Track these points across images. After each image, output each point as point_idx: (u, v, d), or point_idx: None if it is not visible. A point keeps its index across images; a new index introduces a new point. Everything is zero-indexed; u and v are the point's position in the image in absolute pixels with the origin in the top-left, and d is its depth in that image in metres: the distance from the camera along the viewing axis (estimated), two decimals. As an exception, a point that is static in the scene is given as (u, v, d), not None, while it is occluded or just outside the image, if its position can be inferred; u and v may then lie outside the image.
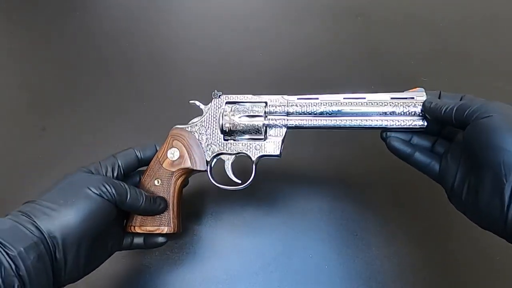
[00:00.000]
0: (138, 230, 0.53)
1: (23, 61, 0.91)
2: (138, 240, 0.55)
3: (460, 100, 0.45)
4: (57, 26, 0.96)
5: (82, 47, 0.91)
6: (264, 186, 0.68)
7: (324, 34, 0.92)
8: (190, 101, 0.56)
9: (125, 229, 0.54)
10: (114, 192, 0.46)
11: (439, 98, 0.47)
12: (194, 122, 0.55)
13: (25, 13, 1.00)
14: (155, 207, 0.52)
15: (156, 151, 0.55)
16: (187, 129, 0.55)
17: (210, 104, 0.55)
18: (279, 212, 0.66)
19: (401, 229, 0.64)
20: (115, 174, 0.51)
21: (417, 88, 0.49)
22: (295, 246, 0.63)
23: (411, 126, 0.49)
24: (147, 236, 0.55)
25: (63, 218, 0.42)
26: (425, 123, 0.48)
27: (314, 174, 0.70)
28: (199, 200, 0.67)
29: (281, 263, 0.61)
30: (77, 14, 0.98)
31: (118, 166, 0.52)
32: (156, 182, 0.54)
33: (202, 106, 0.55)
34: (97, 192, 0.45)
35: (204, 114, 0.55)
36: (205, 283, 0.60)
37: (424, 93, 0.49)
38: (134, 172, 0.55)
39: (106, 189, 0.46)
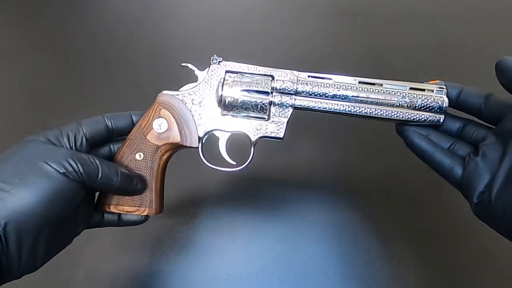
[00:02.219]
0: (114, 209, 0.47)
1: (23, 61, 0.91)
2: (111, 217, 0.48)
3: (486, 98, 0.42)
4: (57, 26, 0.96)
5: (82, 47, 0.91)
6: (264, 186, 0.68)
7: (324, 34, 0.92)
8: (182, 64, 0.49)
9: (97, 207, 0.47)
10: (81, 170, 0.38)
11: (461, 93, 0.44)
12: (186, 90, 0.48)
13: (26, 13, 1.00)
14: (132, 187, 0.45)
15: (132, 122, 0.48)
16: (178, 97, 0.48)
17: (207, 70, 0.48)
18: (279, 213, 0.66)
19: (401, 230, 0.64)
20: (77, 144, 0.43)
21: (437, 81, 0.45)
22: (295, 246, 0.63)
23: (427, 120, 0.45)
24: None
25: (18, 202, 0.35)
26: (442, 119, 0.44)
27: (314, 175, 0.70)
28: (199, 200, 0.67)
29: (281, 263, 0.61)
30: (77, 14, 0.98)
31: (83, 134, 0.44)
32: (137, 156, 0.47)
33: (197, 72, 0.48)
34: (60, 170, 0.37)
35: (199, 81, 0.48)
36: (205, 283, 0.60)
37: (445, 86, 0.45)
38: (104, 144, 0.48)
39: (72, 166, 0.38)
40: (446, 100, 0.44)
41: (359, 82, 0.46)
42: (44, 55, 0.91)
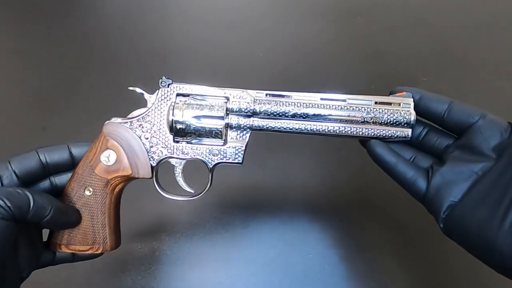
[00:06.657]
0: (65, 249, 0.44)
1: (23, 61, 0.90)
2: (64, 254, 0.45)
3: (449, 105, 0.40)
4: (57, 26, 0.96)
5: (82, 47, 0.91)
6: (263, 186, 0.68)
7: (324, 35, 0.92)
8: (130, 88, 0.46)
9: (48, 246, 0.44)
10: (9, 204, 0.34)
11: (421, 99, 0.42)
12: (135, 116, 0.45)
13: (25, 13, 1.00)
14: (66, 218, 0.41)
15: (70, 155, 0.44)
16: (125, 125, 0.44)
17: (156, 94, 0.45)
18: (279, 212, 0.66)
19: (401, 230, 0.64)
20: (5, 183, 0.40)
21: (404, 93, 0.43)
22: (295, 246, 0.63)
23: (395, 136, 0.43)
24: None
25: None
26: (410, 133, 0.43)
27: (314, 175, 0.70)
28: (197, 201, 0.67)
29: (281, 263, 0.61)
30: (77, 14, 0.98)
31: (12, 172, 0.41)
32: (87, 191, 0.43)
33: (146, 96, 0.45)
34: None
35: (148, 106, 0.45)
36: (206, 283, 0.60)
37: (412, 99, 0.42)
38: (41, 181, 0.44)
39: None
40: (414, 113, 0.42)
41: (321, 99, 0.43)
42: (44, 55, 0.91)
